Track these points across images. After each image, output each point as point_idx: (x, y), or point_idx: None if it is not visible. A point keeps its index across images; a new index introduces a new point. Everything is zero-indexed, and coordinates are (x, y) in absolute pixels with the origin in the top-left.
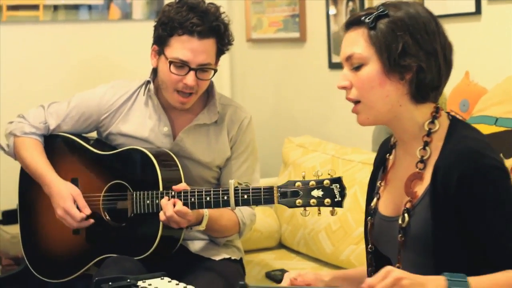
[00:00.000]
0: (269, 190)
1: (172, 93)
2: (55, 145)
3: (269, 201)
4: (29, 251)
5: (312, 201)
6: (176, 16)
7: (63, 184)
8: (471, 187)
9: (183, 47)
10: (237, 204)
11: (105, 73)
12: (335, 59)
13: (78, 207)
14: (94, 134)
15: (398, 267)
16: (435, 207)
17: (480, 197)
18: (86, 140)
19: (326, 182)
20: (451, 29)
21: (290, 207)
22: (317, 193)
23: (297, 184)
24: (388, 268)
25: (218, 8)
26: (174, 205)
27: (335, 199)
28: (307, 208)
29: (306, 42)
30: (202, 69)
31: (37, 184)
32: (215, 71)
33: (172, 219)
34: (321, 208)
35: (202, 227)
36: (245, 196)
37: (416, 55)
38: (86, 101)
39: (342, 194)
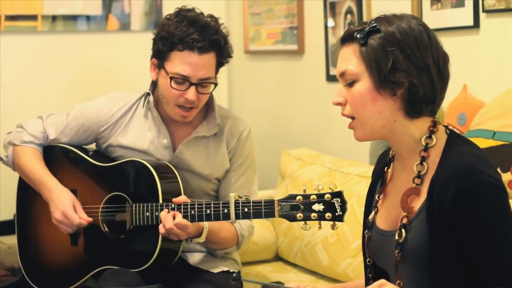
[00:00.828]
0: (270, 203)
1: (173, 107)
2: (54, 156)
3: (270, 214)
4: (26, 262)
5: (313, 215)
6: (176, 31)
7: (65, 190)
8: (466, 203)
9: (183, 62)
10: (237, 217)
11: (103, 84)
12: (333, 71)
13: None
14: (93, 146)
15: (399, 284)
16: (431, 222)
17: (475, 213)
18: (85, 151)
19: (327, 196)
20: (449, 42)
21: (291, 221)
22: (318, 207)
23: (298, 198)
24: (381, 281)
25: (217, 20)
26: (174, 218)
27: (336, 213)
28: (308, 222)
29: (304, 54)
30: (202, 83)
31: (35, 194)
32: (216, 84)
33: (172, 231)
34: (322, 222)
35: (202, 239)
36: (246, 210)
37: (407, 70)
38: (85, 113)
39: (343, 208)
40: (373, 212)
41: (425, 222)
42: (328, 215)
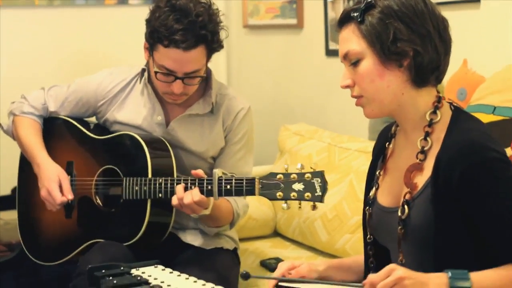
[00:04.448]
0: (251, 181)
1: (162, 93)
2: (53, 127)
3: (250, 192)
4: (25, 235)
5: (293, 194)
6: (161, 29)
7: (53, 165)
8: (474, 180)
9: (169, 57)
10: (219, 194)
11: (101, 58)
12: (332, 46)
13: (62, 191)
14: (93, 119)
15: (401, 260)
16: (436, 199)
17: (483, 190)
18: (86, 124)
19: (307, 175)
20: (449, 17)
21: (270, 199)
22: (298, 186)
23: (278, 176)
24: (391, 266)
25: (208, 10)
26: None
27: (316, 194)
28: (289, 202)
29: (303, 28)
30: (189, 77)
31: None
32: (202, 77)
33: (190, 206)
34: (302, 202)
35: (208, 211)
36: (228, 187)
37: (409, 39)
38: (85, 86)
39: (323, 188)
40: (374, 188)
41: (430, 199)
42: (307, 195)
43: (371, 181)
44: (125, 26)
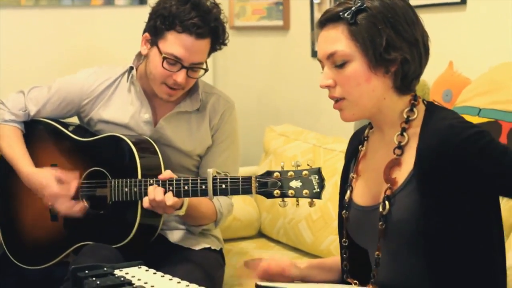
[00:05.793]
0: (247, 180)
1: (159, 85)
2: (35, 130)
3: (247, 191)
4: (8, 238)
5: (291, 192)
6: (177, 12)
7: (40, 172)
8: (465, 156)
9: (179, 44)
10: (215, 193)
11: (87, 59)
12: None
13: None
14: (74, 119)
15: (378, 255)
16: (423, 191)
17: (478, 158)
18: (66, 126)
19: (305, 173)
20: (435, 19)
21: (268, 197)
22: (295, 184)
23: (275, 174)
24: None
25: (218, 7)
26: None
27: (314, 191)
28: (286, 199)
29: (289, 30)
30: (193, 68)
31: (14, 170)
32: (206, 70)
33: (161, 204)
34: (300, 199)
35: (182, 212)
36: (223, 186)
37: (400, 47)
38: (68, 86)
39: (321, 185)
40: (348, 191)
41: (413, 193)
42: (305, 192)
43: (345, 184)
44: (111, 27)
